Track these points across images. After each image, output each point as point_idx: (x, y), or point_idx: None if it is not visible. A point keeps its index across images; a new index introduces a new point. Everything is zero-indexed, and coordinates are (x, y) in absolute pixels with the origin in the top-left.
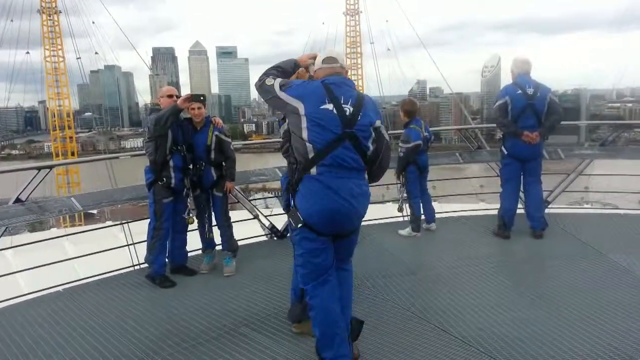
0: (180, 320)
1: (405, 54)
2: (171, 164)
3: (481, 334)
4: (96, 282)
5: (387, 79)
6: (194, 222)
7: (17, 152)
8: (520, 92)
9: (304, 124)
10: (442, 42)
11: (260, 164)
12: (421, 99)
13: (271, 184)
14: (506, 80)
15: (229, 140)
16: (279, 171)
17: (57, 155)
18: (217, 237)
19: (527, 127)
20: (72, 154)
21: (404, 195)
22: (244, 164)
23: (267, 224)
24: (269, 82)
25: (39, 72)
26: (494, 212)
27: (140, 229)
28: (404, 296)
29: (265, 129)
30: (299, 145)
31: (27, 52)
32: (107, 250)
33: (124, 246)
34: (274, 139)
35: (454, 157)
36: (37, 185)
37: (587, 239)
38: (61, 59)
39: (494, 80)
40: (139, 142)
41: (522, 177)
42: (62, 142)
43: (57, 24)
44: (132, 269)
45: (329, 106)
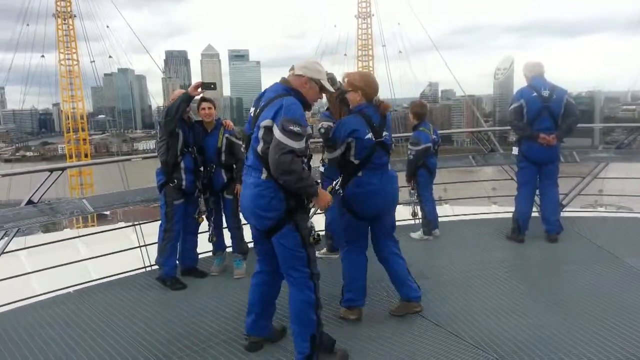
0: (190, 322)
1: (417, 57)
2: (182, 165)
3: (494, 339)
4: (107, 283)
5: (398, 81)
6: (204, 222)
7: (31, 153)
8: (535, 94)
9: None
10: (454, 45)
11: None
12: (433, 101)
13: None
14: (519, 82)
15: (240, 142)
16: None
17: (70, 157)
18: (228, 240)
19: (543, 130)
20: (86, 156)
21: (415, 199)
22: None
23: None
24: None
25: (54, 75)
26: (507, 215)
27: (152, 230)
28: None
29: None
30: None
31: (42, 56)
32: (119, 251)
33: (136, 247)
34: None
35: (467, 160)
36: (49, 187)
37: (602, 243)
38: (75, 62)
39: (506, 82)
40: (151, 144)
41: (538, 180)
42: (75, 144)
43: (71, 27)
44: (143, 270)
45: (251, 111)
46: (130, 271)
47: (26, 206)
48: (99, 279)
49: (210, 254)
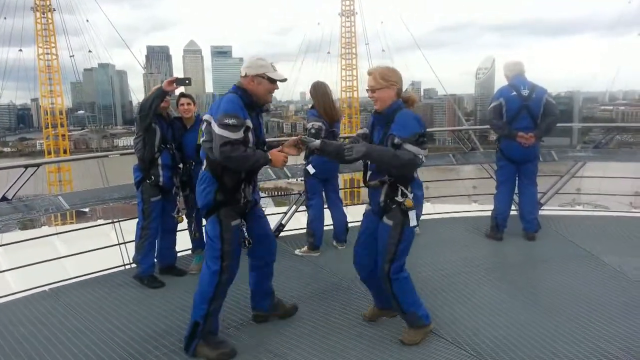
0: (167, 321)
1: (400, 56)
2: (159, 162)
3: (472, 337)
4: (84, 281)
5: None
6: (183, 221)
7: (9, 149)
8: (514, 93)
9: None
10: (437, 44)
11: None
12: None
13: (265, 184)
14: (500, 82)
15: None
16: (271, 171)
17: (49, 153)
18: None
19: (522, 129)
20: (65, 152)
21: None
22: None
23: None
24: None
25: (32, 69)
26: (487, 213)
27: (131, 227)
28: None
29: None
30: None
31: (20, 50)
32: (97, 249)
33: (114, 245)
34: (269, 138)
35: (448, 159)
36: (23, 183)
37: (579, 241)
38: (54, 57)
39: (487, 82)
40: (131, 140)
41: (517, 179)
42: (54, 140)
43: (50, 21)
44: (122, 268)
45: None
46: (108, 269)
47: (0, 203)
48: (76, 277)
49: (189, 252)
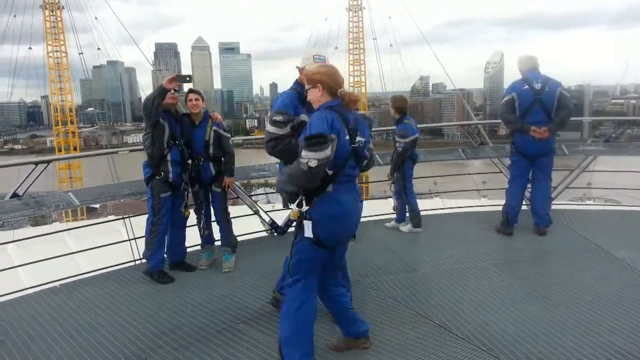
0: (178, 316)
1: (408, 50)
2: (169, 158)
3: (482, 331)
4: (95, 277)
5: (389, 75)
6: (190, 215)
7: (19, 146)
8: (527, 87)
9: None
10: (445, 39)
11: (261, 159)
12: (424, 95)
13: (273, 179)
14: (509, 76)
15: (228, 135)
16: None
17: (59, 150)
18: (217, 233)
19: (535, 123)
20: (75, 149)
21: (392, 191)
22: (247, 159)
23: (267, 219)
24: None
25: (42, 67)
26: (497, 208)
27: (142, 223)
28: (405, 293)
29: None
30: None
31: (30, 48)
32: (108, 245)
33: (125, 241)
34: None
35: (457, 153)
36: (34, 180)
37: (590, 236)
38: (64, 55)
39: (496, 76)
40: (140, 136)
41: (531, 173)
42: (64, 137)
43: (59, 19)
44: (132, 264)
45: None
46: (119, 265)
47: (11, 199)
48: (87, 273)
49: (198, 247)
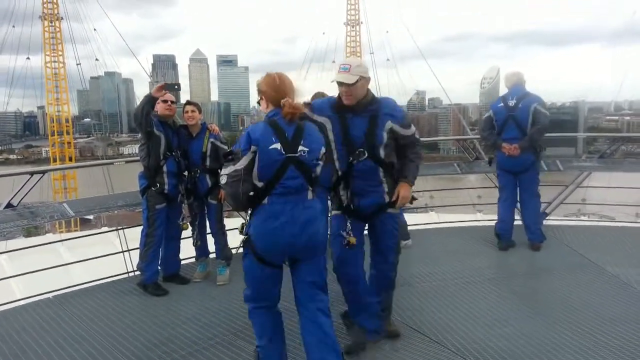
0: (171, 329)
1: (405, 65)
2: (165, 169)
3: (476, 347)
4: (88, 288)
5: (386, 89)
6: (188, 229)
7: (15, 156)
8: (501, 104)
9: None
10: (443, 53)
11: None
12: (420, 109)
13: None
14: (504, 92)
15: (225, 147)
16: None
17: (54, 160)
18: (212, 246)
19: (509, 139)
20: (70, 160)
21: None
22: None
23: None
24: None
25: (39, 77)
26: (492, 223)
27: (136, 235)
28: (399, 307)
29: None
30: None
31: (28, 58)
32: (102, 256)
33: (119, 252)
34: None
35: (452, 168)
36: (29, 190)
37: (584, 252)
38: (61, 65)
39: (493, 91)
40: (136, 148)
41: (518, 189)
42: (60, 148)
43: (58, 30)
44: (126, 275)
45: None
46: (112, 276)
47: (5, 209)
48: (80, 284)
49: (193, 260)
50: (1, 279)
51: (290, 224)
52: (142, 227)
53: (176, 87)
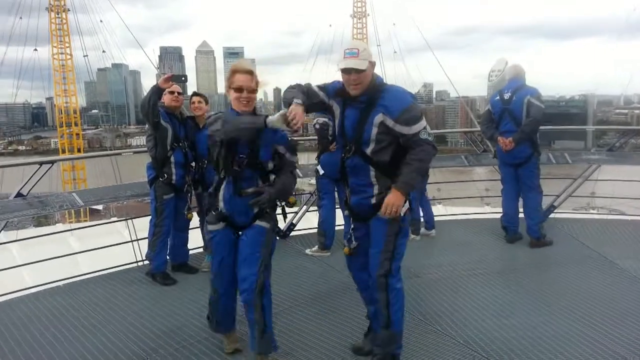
0: (180, 317)
1: (412, 57)
2: (172, 160)
3: (483, 338)
4: (97, 277)
5: (393, 81)
6: (193, 218)
7: (24, 147)
8: (497, 98)
9: None
10: (453, 46)
11: None
12: (427, 102)
13: None
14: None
15: None
16: None
17: (63, 151)
18: None
19: (505, 132)
20: (79, 151)
21: None
22: None
23: None
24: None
25: (47, 69)
26: (499, 215)
27: (145, 225)
28: (406, 299)
29: None
30: None
31: (35, 49)
32: (110, 245)
33: (128, 242)
34: None
35: (460, 160)
36: (38, 180)
37: (593, 245)
38: (69, 57)
39: (500, 84)
40: (144, 139)
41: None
42: (68, 139)
43: (65, 21)
44: (134, 265)
45: None
46: (121, 265)
47: (15, 199)
48: (90, 273)
49: (201, 249)
50: (12, 267)
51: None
52: (150, 217)
53: (183, 78)
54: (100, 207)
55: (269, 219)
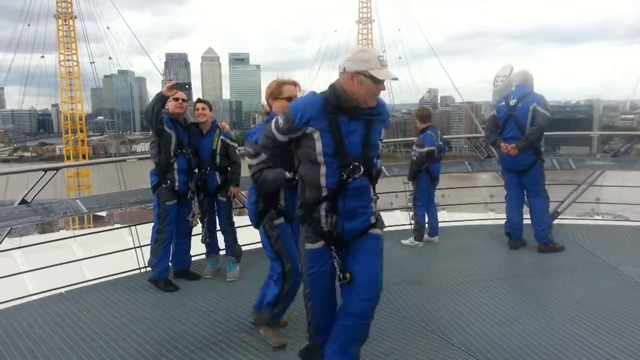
0: (181, 325)
1: (417, 63)
2: (175, 166)
3: (485, 345)
4: (100, 284)
5: (398, 87)
6: (198, 225)
7: (29, 154)
8: (503, 103)
9: None
10: (458, 51)
11: None
12: (432, 107)
13: None
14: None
15: (235, 145)
16: None
17: (68, 157)
18: (222, 242)
19: (509, 139)
20: (84, 157)
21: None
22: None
23: None
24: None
25: (53, 75)
26: (503, 222)
27: (148, 232)
28: (408, 305)
29: None
30: None
31: (42, 56)
32: (114, 252)
33: (131, 249)
34: None
35: (463, 166)
36: (43, 186)
37: (597, 251)
38: (75, 64)
39: (506, 89)
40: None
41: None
42: (73, 145)
43: (72, 28)
44: (137, 271)
45: None
46: (124, 272)
47: (19, 205)
48: (92, 280)
49: (203, 256)
50: (15, 274)
51: None
52: (153, 224)
53: (187, 86)
54: (104, 214)
55: None
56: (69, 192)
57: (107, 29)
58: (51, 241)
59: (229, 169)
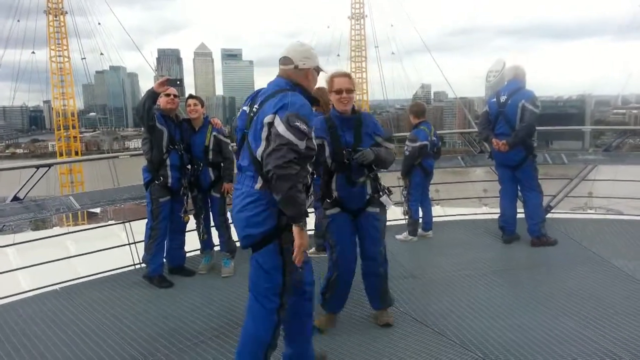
0: (176, 320)
1: (410, 59)
2: (168, 162)
3: (480, 338)
4: (94, 280)
5: (391, 82)
6: (190, 221)
7: (21, 151)
8: (494, 100)
9: None
10: (452, 47)
11: None
12: (425, 102)
13: None
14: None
15: (228, 141)
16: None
17: (61, 154)
18: (216, 238)
19: (499, 135)
20: (76, 154)
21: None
22: None
23: None
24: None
25: (44, 71)
26: (497, 216)
27: (142, 228)
28: (402, 299)
29: None
30: None
31: (33, 52)
32: (108, 249)
33: (125, 245)
34: None
35: (456, 161)
36: (35, 183)
37: (590, 245)
38: (66, 59)
39: (498, 85)
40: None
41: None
42: (66, 142)
43: (63, 24)
44: (132, 268)
45: (245, 108)
46: (118, 269)
47: (11, 202)
48: (87, 277)
49: (198, 252)
50: (8, 271)
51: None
52: (146, 220)
53: (178, 82)
54: (97, 211)
55: (378, 203)
56: (62, 188)
57: (99, 24)
58: (45, 238)
59: (222, 164)
